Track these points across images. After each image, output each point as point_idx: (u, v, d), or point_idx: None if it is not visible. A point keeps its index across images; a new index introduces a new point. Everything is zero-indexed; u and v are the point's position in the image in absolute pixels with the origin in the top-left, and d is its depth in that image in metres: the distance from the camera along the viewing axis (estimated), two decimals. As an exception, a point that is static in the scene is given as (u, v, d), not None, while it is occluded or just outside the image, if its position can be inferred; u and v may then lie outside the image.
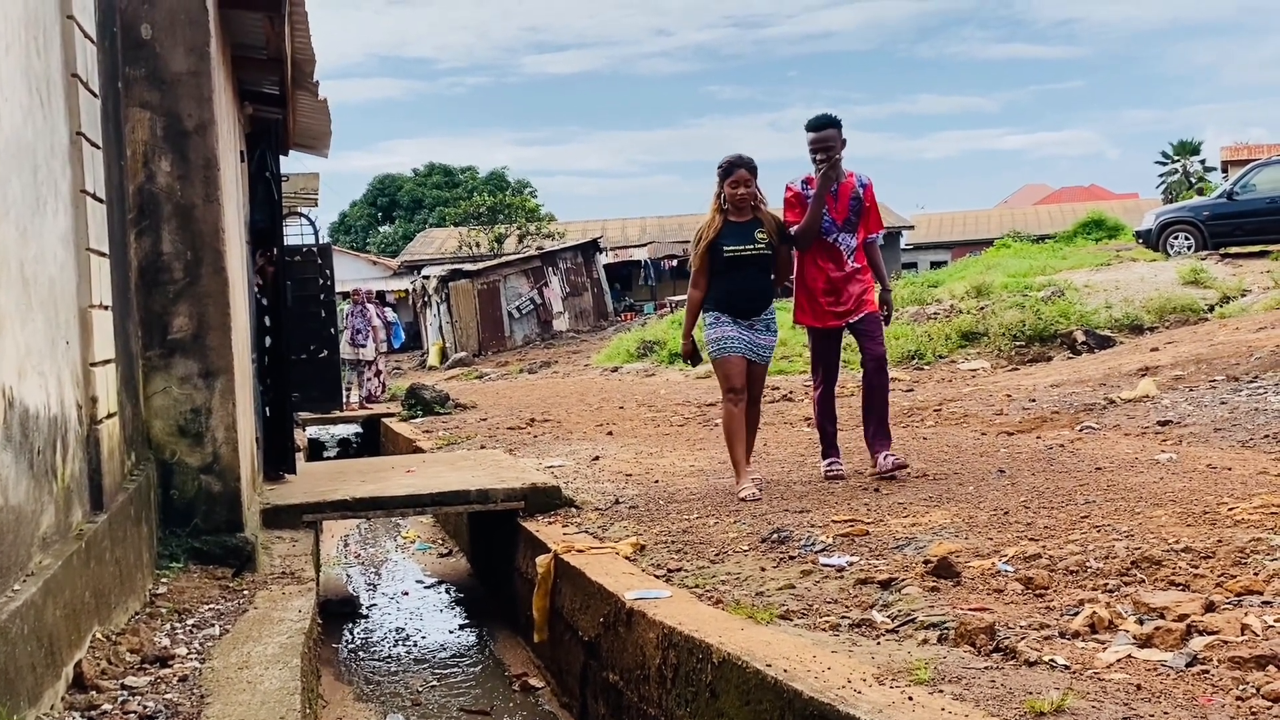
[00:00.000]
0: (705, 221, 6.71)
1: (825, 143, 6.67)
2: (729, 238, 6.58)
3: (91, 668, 3.68)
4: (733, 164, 6.61)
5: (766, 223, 6.65)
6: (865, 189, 6.82)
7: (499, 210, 41.68)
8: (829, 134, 6.67)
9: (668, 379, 18.79)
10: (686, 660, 3.91)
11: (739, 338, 6.57)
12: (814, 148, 6.71)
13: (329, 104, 8.88)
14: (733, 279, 6.59)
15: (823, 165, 6.65)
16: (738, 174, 6.57)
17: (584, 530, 6.19)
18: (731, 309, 6.61)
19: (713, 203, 6.70)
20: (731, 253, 6.57)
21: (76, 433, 4.13)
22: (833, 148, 6.65)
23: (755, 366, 6.66)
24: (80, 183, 4.33)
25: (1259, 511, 4.79)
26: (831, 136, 6.66)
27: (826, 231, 6.72)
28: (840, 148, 6.70)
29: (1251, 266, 17.49)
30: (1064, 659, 3.24)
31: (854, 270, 6.76)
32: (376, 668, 6.59)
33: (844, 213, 6.76)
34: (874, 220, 6.91)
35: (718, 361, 6.62)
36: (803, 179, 6.81)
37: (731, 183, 6.56)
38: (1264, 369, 9.26)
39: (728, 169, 6.62)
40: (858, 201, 6.77)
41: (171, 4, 5.51)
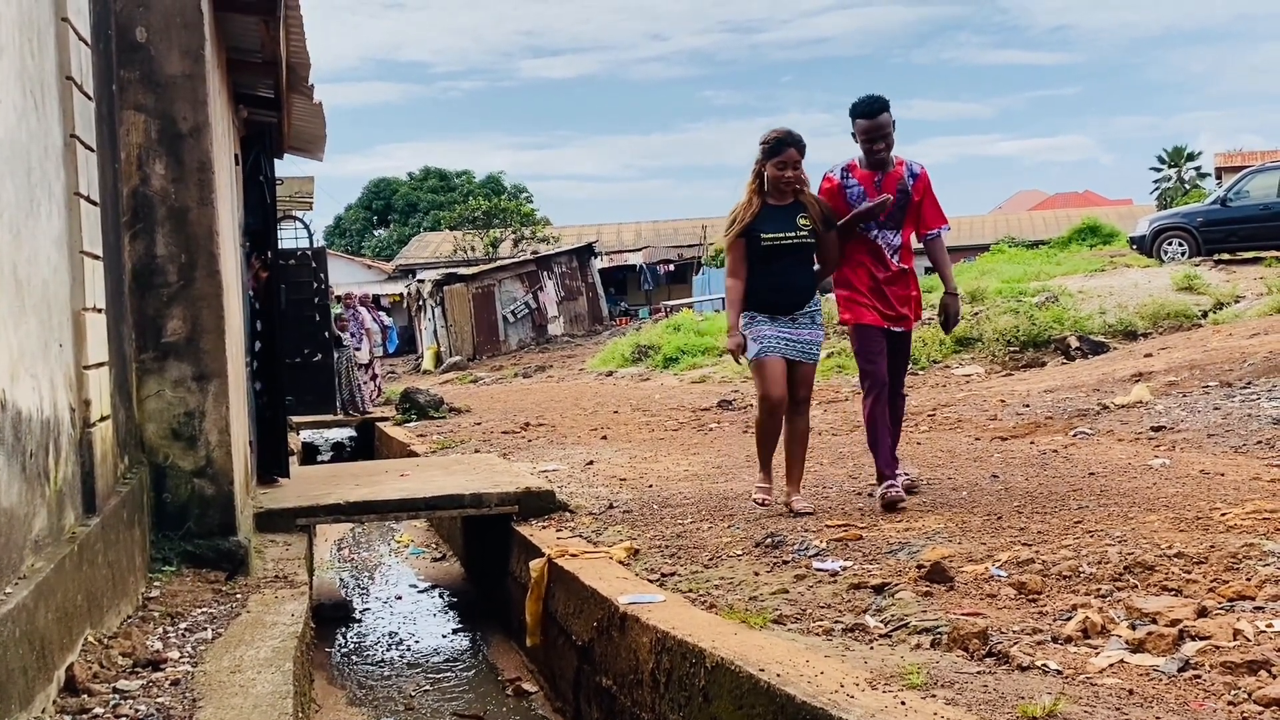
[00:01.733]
0: (739, 204, 5.92)
1: (882, 130, 5.82)
2: (767, 223, 5.82)
3: (83, 671, 3.67)
4: (781, 140, 5.79)
5: (810, 207, 5.86)
6: (916, 179, 5.96)
7: (494, 214, 41.69)
8: (884, 119, 5.82)
9: (662, 383, 18.79)
10: (680, 665, 3.91)
11: (777, 336, 5.83)
12: (868, 138, 5.84)
13: (324, 107, 8.89)
14: (771, 271, 5.83)
15: (880, 155, 5.85)
16: (786, 153, 5.77)
17: (578, 534, 6.19)
18: (770, 305, 5.85)
19: (749, 182, 5.91)
20: (770, 241, 5.80)
21: (69, 436, 4.12)
22: (888, 135, 5.84)
23: (800, 367, 5.88)
24: (74, 185, 4.32)
25: (1251, 517, 4.80)
26: (887, 122, 5.83)
27: (867, 227, 5.94)
28: (893, 133, 5.89)
29: (1245, 273, 17.52)
30: (1057, 664, 3.25)
31: (899, 272, 5.98)
32: (369, 672, 6.58)
33: (888, 206, 5.96)
34: (932, 213, 6.06)
35: (754, 365, 5.90)
36: (843, 166, 6.01)
37: (778, 163, 5.77)
38: (1257, 375, 9.28)
39: (774, 146, 5.80)
40: (904, 195, 5.93)
41: (166, 7, 5.51)
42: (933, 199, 6.04)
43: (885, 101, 5.86)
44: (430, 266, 40.32)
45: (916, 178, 5.97)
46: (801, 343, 5.88)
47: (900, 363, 6.12)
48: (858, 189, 5.96)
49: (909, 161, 5.99)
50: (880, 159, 5.88)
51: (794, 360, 5.86)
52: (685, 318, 25.50)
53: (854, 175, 5.96)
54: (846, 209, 5.94)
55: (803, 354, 5.90)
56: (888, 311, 5.95)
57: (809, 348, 5.92)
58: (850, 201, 5.95)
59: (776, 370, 5.82)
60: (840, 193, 5.98)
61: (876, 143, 5.84)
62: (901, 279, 5.98)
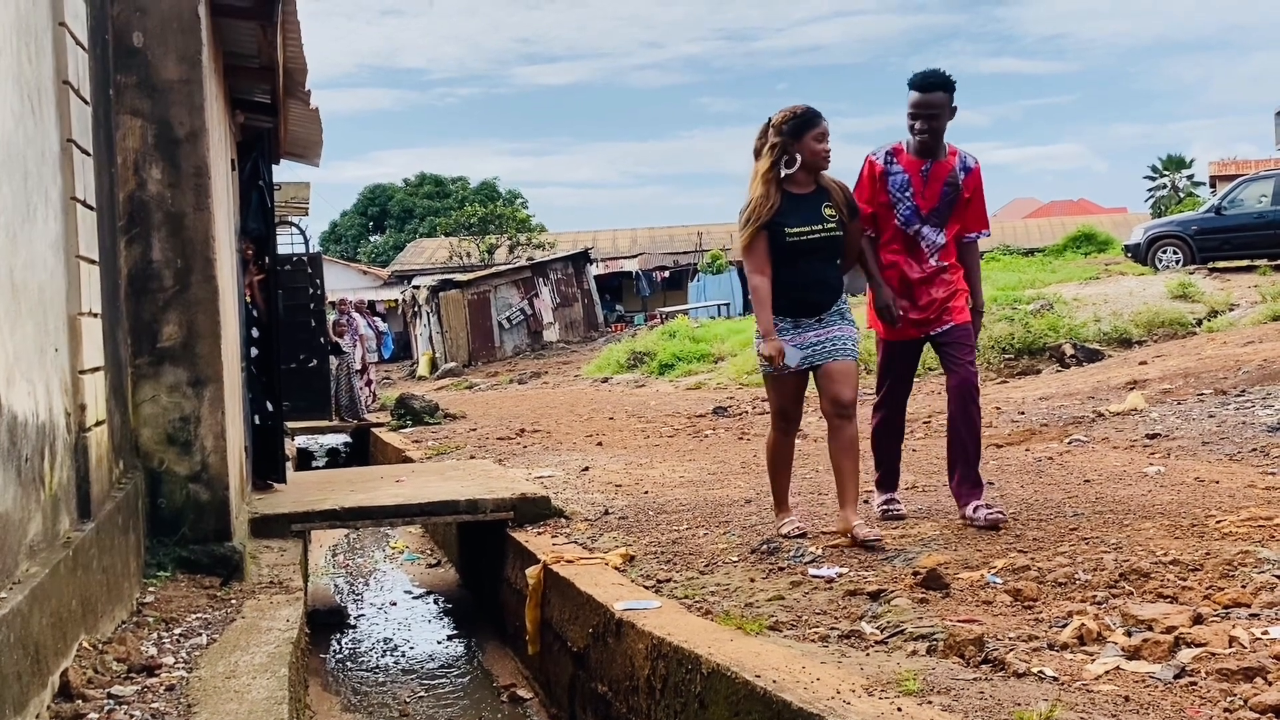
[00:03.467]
0: (755, 197, 5.20)
1: (930, 109, 5.24)
2: (791, 216, 5.16)
3: (78, 677, 3.66)
4: (813, 111, 5.14)
5: (834, 194, 5.24)
6: (969, 174, 5.39)
7: (490, 221, 41.70)
8: (937, 98, 5.24)
9: (657, 390, 18.79)
10: (675, 671, 3.91)
11: (798, 350, 5.25)
12: (914, 114, 5.27)
13: (320, 113, 8.89)
14: (796, 271, 5.19)
15: (923, 137, 5.28)
16: (822, 125, 5.13)
17: (573, 541, 6.18)
18: (796, 308, 5.22)
19: (762, 170, 5.19)
20: (796, 237, 5.15)
21: (65, 440, 4.12)
22: (938, 117, 5.25)
23: (834, 365, 5.19)
24: (71, 190, 4.32)
25: (1246, 524, 4.81)
26: (940, 102, 5.24)
27: (907, 221, 5.37)
28: (948, 119, 5.31)
29: (1239, 281, 17.57)
30: (1052, 670, 3.25)
31: (937, 270, 5.40)
32: (364, 678, 6.57)
33: (933, 200, 5.37)
34: (976, 215, 5.50)
35: (769, 379, 5.39)
36: (889, 149, 5.41)
37: (817, 135, 5.11)
38: (1251, 383, 9.30)
39: (807, 118, 5.12)
40: (953, 189, 5.36)
41: (164, 12, 5.51)
42: (981, 200, 5.51)
43: (944, 79, 5.26)
44: (426, 272, 40.30)
45: (969, 172, 5.40)
46: (833, 340, 5.22)
47: (958, 362, 5.38)
48: (902, 177, 5.38)
49: (963, 153, 5.42)
50: (924, 143, 5.29)
51: (826, 362, 5.21)
52: (681, 324, 25.52)
53: (899, 161, 5.37)
54: (887, 199, 5.40)
55: (837, 351, 5.22)
56: (915, 315, 5.41)
57: (844, 343, 5.23)
58: (892, 191, 5.39)
59: (791, 387, 5.33)
60: (882, 180, 5.39)
61: (918, 120, 5.25)
62: (939, 276, 5.41)
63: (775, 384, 5.36)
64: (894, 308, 5.40)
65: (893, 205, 5.39)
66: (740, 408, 13.43)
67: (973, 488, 5.36)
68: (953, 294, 5.40)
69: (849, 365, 5.23)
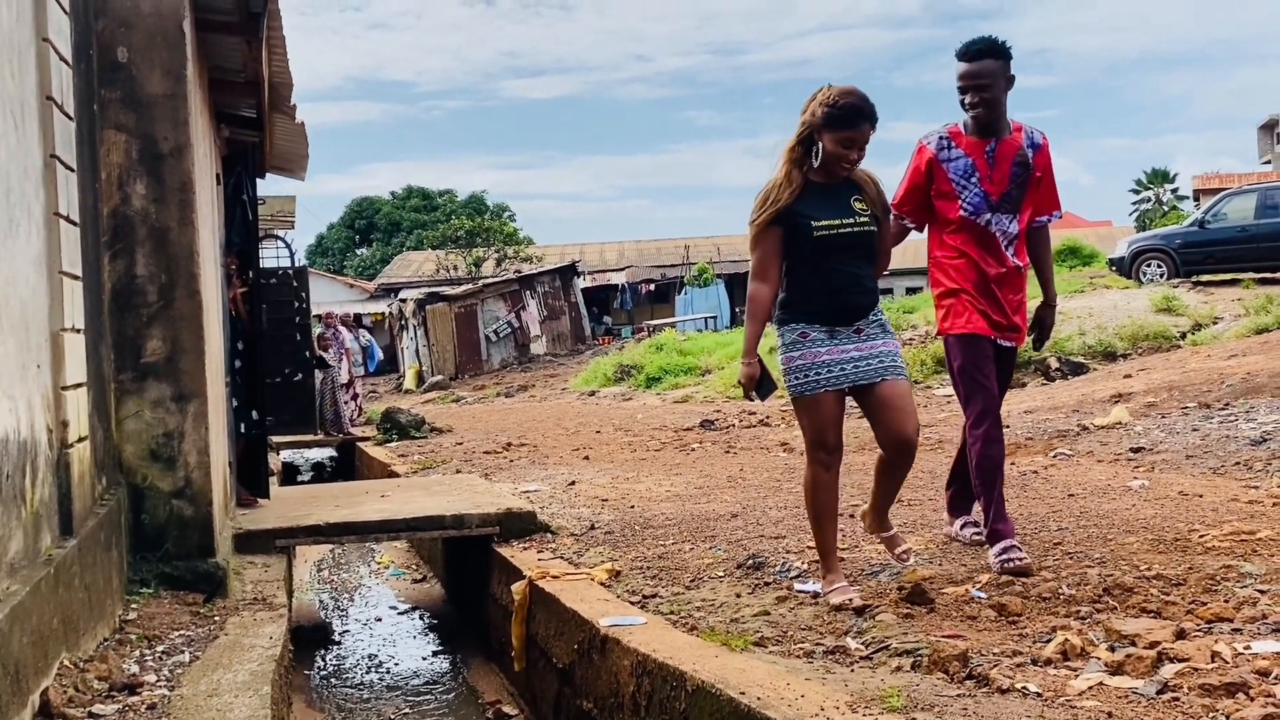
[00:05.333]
0: (774, 179, 4.43)
1: (980, 79, 4.65)
2: (816, 206, 4.37)
3: (58, 696, 3.63)
4: (856, 110, 4.31)
5: (866, 186, 4.48)
6: (1038, 151, 4.80)
7: (477, 234, 41.69)
8: (987, 66, 4.65)
9: (644, 403, 18.79)
10: (660, 688, 3.90)
11: (833, 363, 4.40)
12: (964, 87, 4.70)
13: (306, 127, 8.89)
14: (826, 271, 4.40)
15: (977, 112, 4.70)
16: (859, 130, 4.32)
17: (559, 556, 6.17)
18: (828, 314, 4.43)
19: (788, 148, 4.43)
20: (825, 231, 4.36)
21: (46, 457, 4.09)
22: (990, 87, 4.65)
23: (885, 386, 4.41)
24: (54, 205, 4.31)
25: (1230, 539, 4.83)
26: (991, 70, 4.65)
27: (976, 210, 4.74)
28: (1004, 89, 4.71)
29: (1223, 294, 17.67)
30: (1036, 686, 3.25)
31: (1015, 269, 4.82)
32: (349, 695, 6.54)
33: (1003, 183, 4.74)
34: (1048, 195, 4.89)
35: (800, 402, 4.47)
36: (943, 133, 4.82)
37: (844, 138, 4.31)
38: (1235, 396, 9.35)
39: (846, 114, 4.30)
40: (1023, 169, 4.75)
41: (148, 27, 5.51)
42: (1051, 178, 4.89)
43: (993, 44, 4.66)
44: (413, 285, 40.27)
45: (1038, 149, 4.80)
46: (877, 357, 4.42)
47: (1002, 387, 4.91)
48: (963, 162, 4.76)
49: (1028, 128, 4.83)
50: (981, 118, 4.71)
51: (873, 383, 4.41)
52: (668, 337, 25.54)
53: (959, 145, 4.76)
54: (950, 188, 4.77)
55: (885, 369, 4.41)
56: (998, 318, 4.79)
57: (891, 360, 4.43)
58: (953, 179, 4.75)
59: (832, 408, 4.41)
60: (939, 169, 4.77)
61: (969, 95, 4.67)
62: (1015, 278, 4.82)
63: (807, 407, 4.45)
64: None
65: (956, 194, 4.75)
66: (727, 421, 13.43)
67: (968, 504, 5.17)
68: (1021, 305, 4.85)
69: (904, 386, 4.44)
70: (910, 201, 4.92)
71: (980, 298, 4.78)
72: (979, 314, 4.77)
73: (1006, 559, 4.59)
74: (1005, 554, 4.60)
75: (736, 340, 23.62)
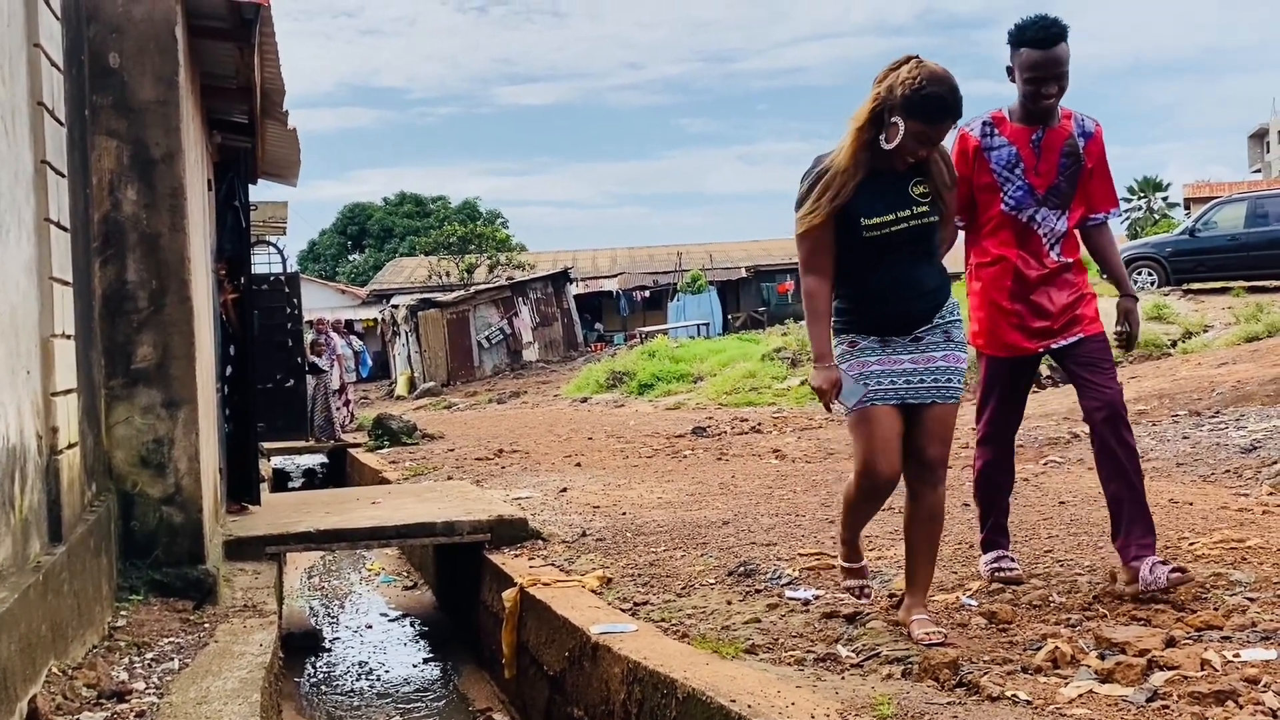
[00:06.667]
0: (834, 164, 3.82)
1: (1057, 68, 4.17)
2: (869, 202, 3.80)
3: (46, 703, 3.62)
4: (943, 103, 3.71)
5: (932, 168, 3.87)
6: (1090, 140, 4.33)
7: (470, 240, 41.71)
8: (1064, 52, 4.17)
9: (637, 410, 18.79)
10: (651, 695, 3.89)
11: (884, 373, 3.87)
12: (1035, 76, 4.19)
13: (299, 133, 8.88)
14: (881, 270, 3.86)
15: (1050, 103, 4.21)
16: (940, 125, 3.76)
17: (550, 563, 6.16)
18: (881, 322, 3.90)
19: (855, 131, 3.79)
20: (875, 230, 3.81)
21: (36, 463, 4.08)
22: (1066, 75, 4.19)
23: (930, 410, 3.89)
24: (44, 211, 4.30)
25: (1219, 547, 4.84)
26: (1067, 56, 4.18)
27: (1019, 204, 4.31)
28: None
29: (1213, 302, 17.72)
30: (1026, 694, 3.25)
31: (1059, 267, 4.34)
32: (339, 702, 6.52)
33: (1050, 175, 4.30)
34: (1102, 189, 4.40)
35: (855, 418, 3.91)
36: (986, 119, 4.37)
37: (920, 133, 3.72)
38: (1225, 404, 9.38)
39: (932, 107, 3.70)
40: (1073, 159, 4.30)
41: (140, 33, 5.50)
42: (1106, 170, 4.42)
43: (1065, 27, 4.18)
44: (405, 292, 40.26)
45: (1090, 137, 4.33)
46: (932, 373, 3.89)
47: (1098, 381, 4.24)
48: (1008, 151, 4.32)
49: (1079, 115, 4.37)
50: (1049, 108, 4.26)
51: (920, 403, 3.89)
52: (660, 344, 25.56)
53: (1002, 132, 4.32)
54: (991, 180, 4.32)
55: (936, 390, 3.89)
56: (1039, 324, 4.33)
57: (946, 379, 3.90)
58: (995, 169, 4.32)
59: (888, 427, 3.85)
60: (979, 157, 4.34)
61: (1046, 85, 4.18)
62: (1059, 276, 4.34)
63: (855, 424, 3.89)
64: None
65: (998, 187, 4.34)
66: (719, 428, 13.43)
67: (1146, 536, 4.18)
68: (1080, 298, 4.34)
69: (948, 413, 3.93)
70: (958, 195, 4.31)
71: (1015, 302, 4.34)
72: (1015, 330, 4.35)
73: (998, 567, 4.56)
74: (997, 562, 4.57)
75: (729, 347, 23.66)
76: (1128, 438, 4.21)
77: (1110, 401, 4.20)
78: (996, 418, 4.53)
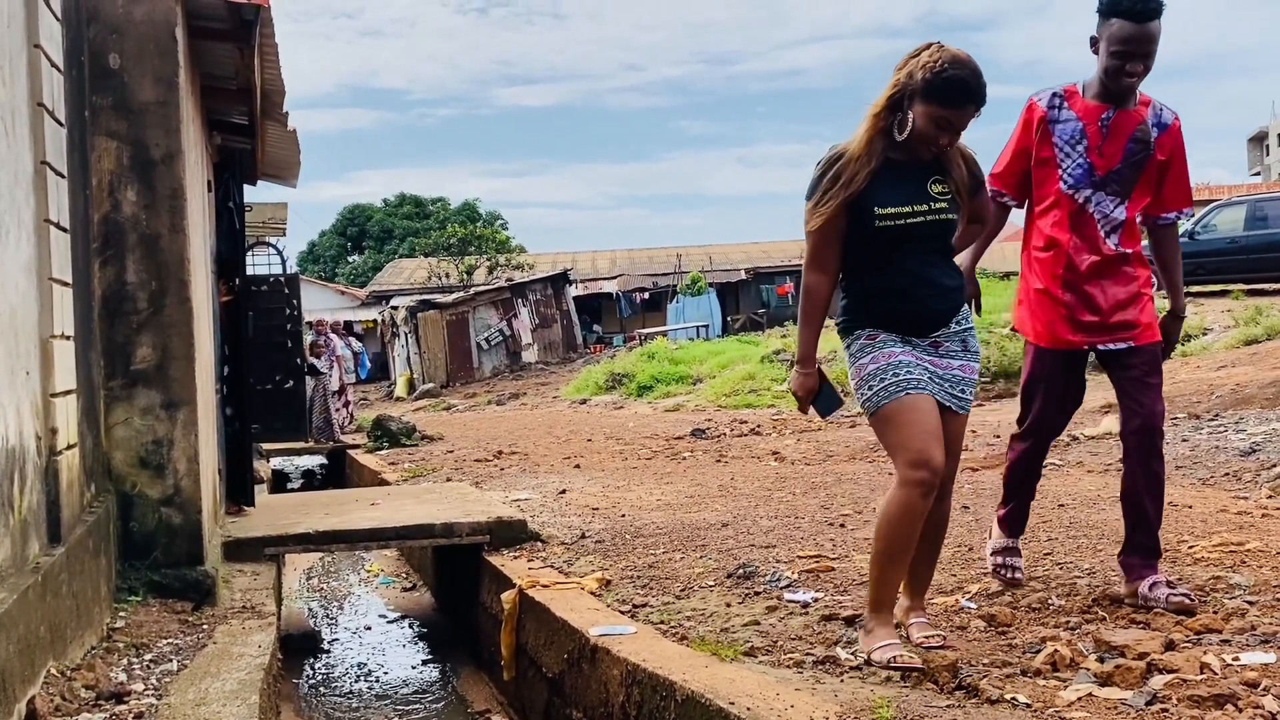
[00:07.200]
0: (849, 150, 3.64)
1: (1148, 45, 3.93)
2: (885, 192, 3.61)
3: (45, 704, 3.61)
4: (963, 85, 3.52)
5: (952, 166, 3.70)
6: (1165, 131, 4.08)
7: (469, 241, 41.70)
8: (1156, 29, 3.93)
9: (636, 412, 18.79)
10: (650, 698, 3.89)
11: (916, 364, 3.64)
12: (1122, 50, 3.95)
13: (298, 134, 8.88)
14: (897, 266, 3.66)
15: (1132, 82, 3.99)
16: (962, 110, 3.56)
17: (549, 565, 6.16)
18: (897, 320, 3.69)
19: (871, 118, 3.64)
20: (889, 221, 3.61)
21: (35, 464, 4.08)
22: (1154, 54, 3.96)
23: (946, 420, 3.68)
24: (44, 212, 4.30)
25: (1218, 550, 4.84)
26: (1158, 34, 3.93)
27: (1076, 184, 4.08)
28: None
29: (1212, 305, 17.72)
30: (1026, 697, 3.25)
31: (1116, 257, 4.09)
32: (337, 704, 6.51)
33: (1114, 158, 4.07)
34: (1177, 187, 4.15)
35: (881, 415, 3.60)
36: (1058, 91, 4.16)
37: (940, 117, 3.54)
38: (1225, 407, 9.38)
39: (952, 90, 3.52)
40: (1142, 147, 4.05)
41: (140, 34, 5.50)
42: (1183, 167, 4.15)
43: (1162, 3, 3.92)
44: (404, 293, 40.24)
45: (1165, 129, 4.09)
46: (950, 381, 3.70)
47: (1141, 395, 4.08)
48: (1074, 126, 4.11)
49: (1157, 103, 4.12)
50: (1130, 87, 4.02)
51: (943, 406, 3.69)
52: (659, 346, 25.55)
53: (1072, 106, 4.11)
54: (1052, 154, 4.12)
55: (954, 400, 3.70)
56: (1090, 318, 4.11)
57: (961, 389, 3.72)
58: (1058, 143, 4.11)
59: (930, 416, 3.58)
60: (1045, 129, 4.13)
61: (1132, 62, 3.94)
62: (1118, 268, 4.11)
63: (892, 417, 3.58)
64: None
65: (1057, 162, 4.11)
66: (718, 430, 13.43)
67: (1151, 555, 4.14)
68: (1136, 297, 4.11)
69: (962, 425, 3.77)
70: (1014, 170, 4.22)
71: (1067, 291, 4.10)
72: (1064, 321, 4.12)
73: (1002, 564, 4.50)
74: (1003, 557, 4.50)
75: (728, 349, 23.65)
76: (1156, 466, 4.08)
77: (1149, 425, 4.05)
78: (1044, 413, 4.28)
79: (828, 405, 3.76)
